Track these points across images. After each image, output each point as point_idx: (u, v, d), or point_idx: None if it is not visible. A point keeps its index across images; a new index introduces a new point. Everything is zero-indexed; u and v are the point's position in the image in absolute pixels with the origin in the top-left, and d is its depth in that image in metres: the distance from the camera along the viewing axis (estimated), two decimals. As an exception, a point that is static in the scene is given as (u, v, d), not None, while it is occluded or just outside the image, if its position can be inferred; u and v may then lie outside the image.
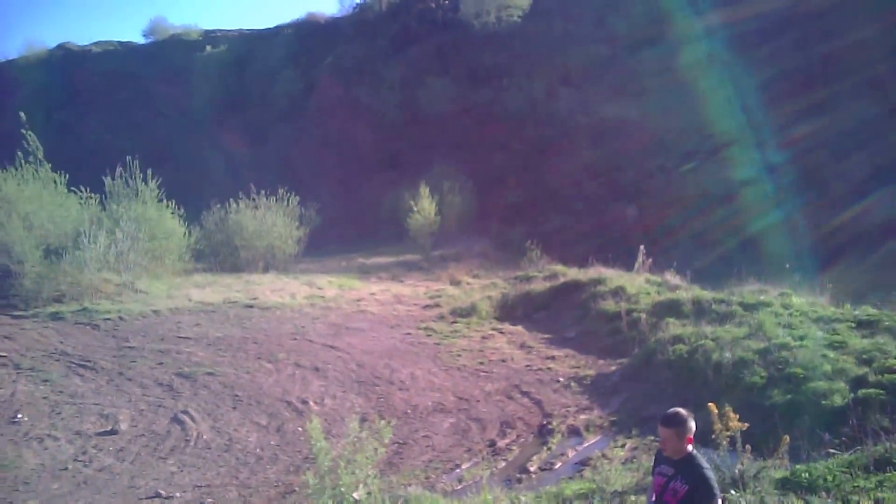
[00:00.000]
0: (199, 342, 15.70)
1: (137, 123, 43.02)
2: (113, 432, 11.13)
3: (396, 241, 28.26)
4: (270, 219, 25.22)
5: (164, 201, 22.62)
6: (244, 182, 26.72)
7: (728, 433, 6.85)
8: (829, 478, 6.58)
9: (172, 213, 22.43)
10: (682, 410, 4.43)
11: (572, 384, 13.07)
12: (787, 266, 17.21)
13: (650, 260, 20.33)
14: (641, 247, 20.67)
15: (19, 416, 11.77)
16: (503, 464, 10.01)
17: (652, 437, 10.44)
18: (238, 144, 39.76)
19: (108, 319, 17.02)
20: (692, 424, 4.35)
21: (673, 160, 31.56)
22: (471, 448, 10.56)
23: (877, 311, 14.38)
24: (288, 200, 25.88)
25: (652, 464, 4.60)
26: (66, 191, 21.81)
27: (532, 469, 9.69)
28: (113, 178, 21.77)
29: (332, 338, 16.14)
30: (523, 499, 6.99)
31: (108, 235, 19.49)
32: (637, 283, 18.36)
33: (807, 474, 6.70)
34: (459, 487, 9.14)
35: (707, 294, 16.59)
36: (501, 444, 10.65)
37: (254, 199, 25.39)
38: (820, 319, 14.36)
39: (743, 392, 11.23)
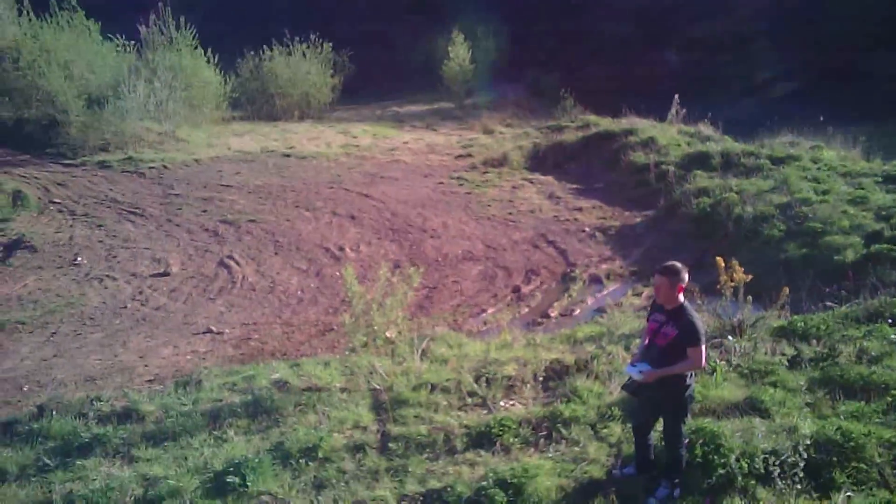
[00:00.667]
0: (241, 190, 16.38)
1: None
2: (165, 274, 12.03)
3: (430, 89, 28.06)
4: (304, 66, 25.18)
5: (199, 49, 22.60)
6: (278, 28, 26.42)
7: (733, 284, 7.34)
8: (823, 327, 7.10)
9: (208, 62, 22.48)
10: (677, 263, 4.90)
11: (597, 234, 13.57)
12: (821, 118, 16.98)
13: (684, 110, 20.17)
14: (676, 96, 20.43)
15: (79, 258, 12.71)
16: (526, 309, 10.72)
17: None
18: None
19: (153, 168, 17.72)
20: (685, 276, 4.82)
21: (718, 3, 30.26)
22: (496, 294, 11.26)
23: (905, 166, 14.47)
24: (321, 47, 25.69)
25: (648, 311, 5.12)
26: (101, 39, 21.89)
27: (553, 314, 10.38)
28: (147, 26, 21.73)
29: (367, 187, 16.68)
30: (538, 339, 7.65)
31: (147, 85, 19.78)
32: (669, 134, 18.39)
33: (802, 324, 7.22)
34: (484, 329, 9.88)
35: (737, 146, 16.66)
36: (525, 290, 11.32)
37: (288, 46, 25.24)
38: (848, 174, 14.50)
39: (760, 245, 11.67)
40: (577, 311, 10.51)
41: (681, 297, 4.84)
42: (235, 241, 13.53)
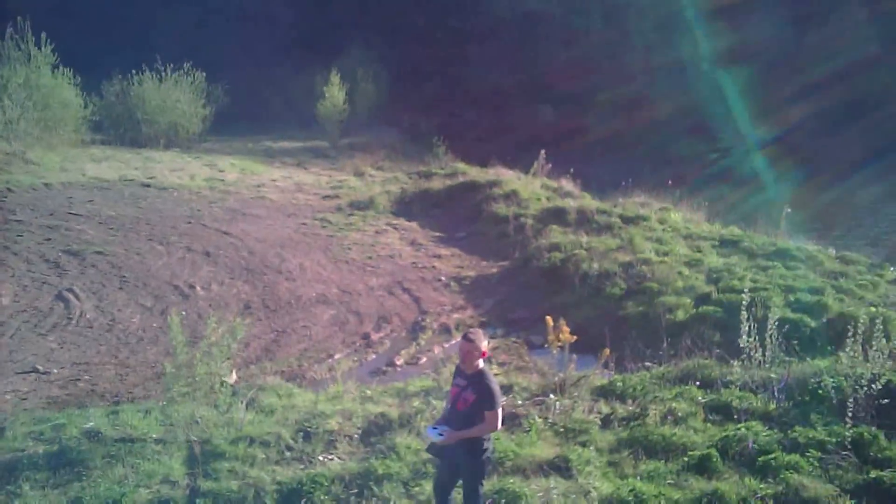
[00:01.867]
0: (91, 220, 15.66)
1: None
2: (-6, 306, 11.29)
3: (306, 126, 27.99)
4: (175, 94, 24.55)
5: (61, 68, 21.61)
6: (151, 51, 25.68)
7: (559, 343, 7.66)
8: (639, 388, 7.52)
9: (69, 82, 21.51)
10: (479, 330, 5.11)
11: (452, 283, 13.83)
12: (669, 182, 18.14)
13: (549, 165, 21.02)
14: (542, 151, 21.27)
15: None
16: (373, 356, 10.75)
17: (513, 339, 11.41)
18: (148, 9, 37.66)
19: (-5, 191, 16.69)
20: (485, 344, 5.02)
21: (596, 63, 31.76)
22: (346, 340, 11.24)
23: (741, 232, 15.62)
24: (195, 76, 25.16)
25: (453, 375, 5.27)
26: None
27: (398, 363, 10.46)
28: (2, 40, 20.60)
29: (227, 223, 16.34)
30: (369, 391, 7.68)
31: (-3, 102, 18.72)
32: (532, 188, 19.07)
33: (621, 383, 7.62)
34: (328, 376, 9.81)
35: (593, 204, 17.52)
36: (375, 337, 11.36)
37: (159, 72, 24.55)
38: (689, 236, 15.51)
39: (603, 301, 12.26)
40: (423, 360, 10.63)
41: (481, 362, 5.02)
42: (78, 273, 12.88)
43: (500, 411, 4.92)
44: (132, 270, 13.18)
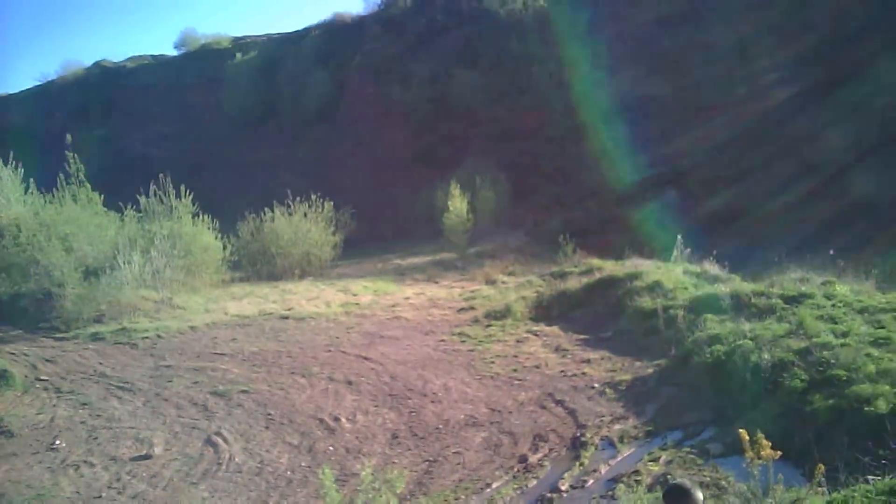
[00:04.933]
0: (235, 358, 15.82)
1: (174, 134, 43.74)
2: (147, 457, 11.24)
3: (432, 239, 28.16)
4: (305, 225, 25.36)
5: (200, 215, 22.85)
6: (280, 187, 26.91)
7: (760, 461, 6.55)
8: (864, 508, 6.25)
9: (208, 227, 22.64)
10: (685, 482, 4.21)
11: (607, 390, 12.79)
12: (831, 252, 16.57)
13: (688, 249, 19.90)
14: (679, 237, 20.24)
15: (58, 441, 11.97)
16: (534, 482, 9.81)
17: (688, 449, 10.19)
18: (272, 149, 40.05)
19: (146, 338, 17.28)
20: (698, 496, 4.10)
21: (713, 137, 30.73)
22: (502, 465, 10.39)
23: (925, 300, 13.84)
24: (323, 205, 25.98)
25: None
26: (104, 210, 22.18)
27: (563, 488, 9.47)
28: (148, 196, 22.07)
29: (365, 348, 16.11)
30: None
31: (143, 254, 19.75)
32: (674, 276, 17.92)
33: None
34: (495, 511, 8.98)
35: (746, 286, 16.11)
36: (533, 459, 10.45)
37: (288, 206, 25.53)
38: (865, 310, 13.82)
39: (783, 397, 10.83)
40: (590, 482, 9.60)
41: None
42: (225, 415, 12.81)
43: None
44: (277, 407, 12.99)
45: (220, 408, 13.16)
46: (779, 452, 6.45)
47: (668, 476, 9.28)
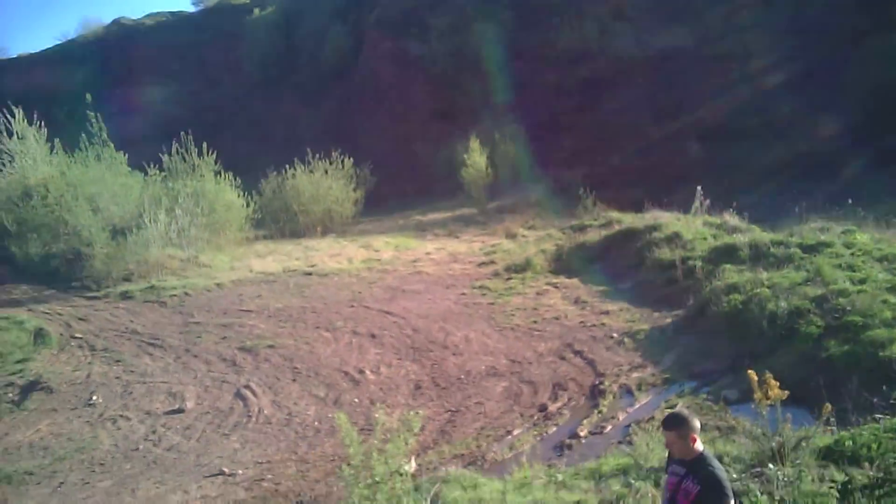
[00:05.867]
0: (261, 314, 16.20)
1: (194, 92, 43.80)
2: (180, 410, 11.69)
3: (453, 195, 28.24)
4: (327, 182, 25.56)
5: (222, 173, 23.09)
6: (300, 144, 27.06)
7: (768, 402, 6.73)
8: (875, 446, 6.43)
9: (230, 185, 22.90)
10: (682, 411, 4.42)
11: (626, 340, 13.00)
12: (850, 201, 16.48)
13: (708, 201, 19.82)
14: (699, 188, 20.14)
15: (94, 397, 12.45)
16: (554, 428, 10.11)
17: (704, 396, 10.38)
18: (292, 106, 40.03)
19: (174, 296, 17.70)
20: (695, 424, 4.30)
21: (734, 89, 30.24)
22: (522, 413, 10.68)
23: (947, 245, 13.82)
24: (343, 162, 26.11)
25: (666, 462, 4.58)
26: (128, 170, 22.49)
27: (582, 434, 9.76)
28: (170, 154, 22.32)
29: (388, 302, 16.40)
30: (560, 476, 7.07)
31: (168, 213, 20.08)
32: (694, 228, 17.95)
33: (850, 442, 6.56)
34: (510, 456, 9.27)
35: (765, 236, 16.12)
36: (553, 407, 10.73)
37: (309, 164, 25.71)
38: (884, 258, 13.84)
39: (799, 343, 10.98)
40: (609, 429, 9.87)
41: (698, 445, 4.30)
42: (253, 369, 13.21)
43: (733, 502, 4.16)
44: (303, 361, 13.36)
45: (247, 362, 13.55)
46: (786, 392, 6.60)
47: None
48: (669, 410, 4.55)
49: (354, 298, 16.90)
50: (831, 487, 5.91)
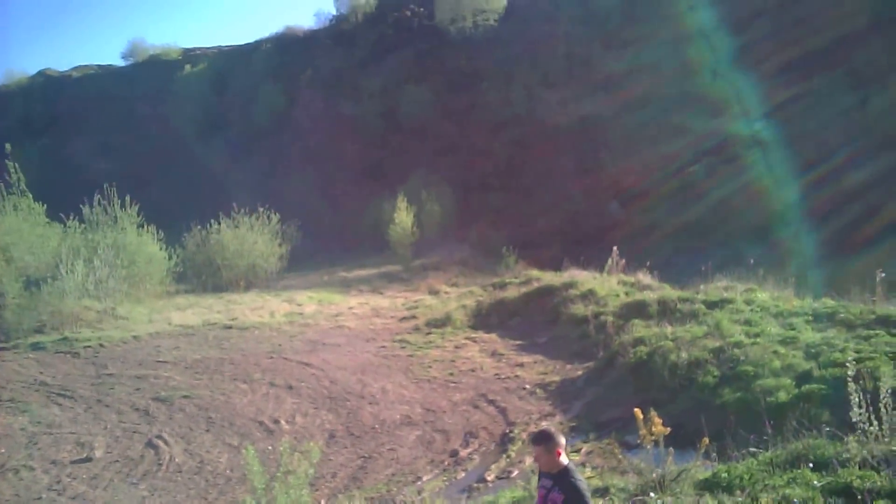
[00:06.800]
0: (177, 366, 16.05)
1: (120, 146, 43.38)
2: (87, 460, 11.47)
3: (379, 252, 28.60)
4: (252, 237, 25.59)
5: (145, 226, 22.97)
6: (228, 200, 27.05)
7: (653, 437, 7.19)
8: (747, 477, 6.92)
9: (153, 238, 22.75)
10: (549, 428, 4.86)
11: (538, 391, 13.42)
12: (752, 261, 17.52)
13: (623, 260, 20.70)
14: (614, 248, 21.05)
15: (-4, 449, 12.09)
16: (463, 474, 10.35)
17: (608, 441, 10.84)
18: (222, 161, 40.05)
19: (88, 347, 17.37)
20: (560, 440, 4.75)
21: (655, 156, 31.69)
22: (433, 459, 10.91)
23: (834, 303, 14.78)
24: (268, 218, 26.24)
25: (538, 478, 4.98)
26: (46, 221, 22.15)
27: (489, 478, 10.03)
28: (91, 206, 22.11)
29: (307, 355, 16.48)
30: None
31: (86, 264, 19.81)
32: (608, 286, 18.72)
33: (726, 474, 7.04)
34: (418, 499, 9.45)
35: (673, 293, 16.96)
36: (463, 454, 11.00)
37: (233, 218, 25.73)
38: (780, 314, 14.74)
39: (696, 391, 11.60)
40: (515, 473, 10.16)
41: (563, 459, 4.74)
42: (166, 419, 13.07)
43: (591, 510, 4.58)
44: (218, 411, 13.30)
45: (161, 412, 13.41)
46: (668, 429, 7.08)
47: (587, 464, 9.93)
48: (537, 430, 4.97)
49: (274, 351, 16.92)
50: (705, 514, 6.34)
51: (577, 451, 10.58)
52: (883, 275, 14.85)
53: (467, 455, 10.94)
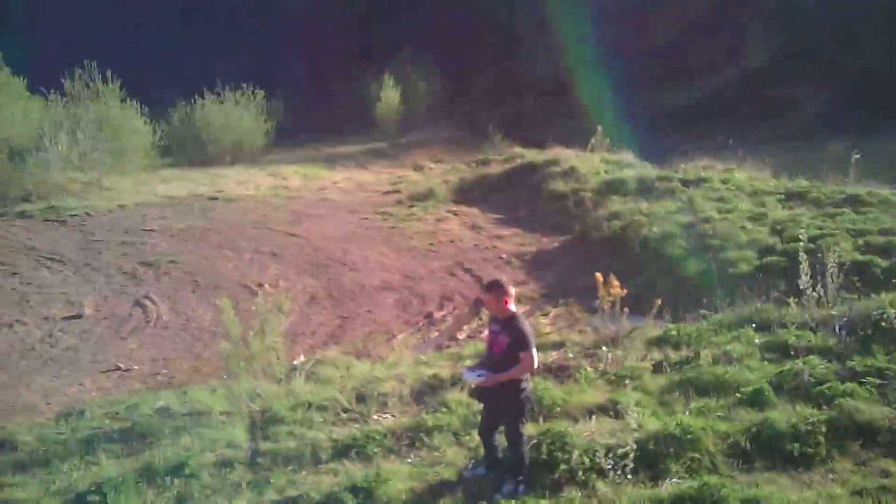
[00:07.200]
0: (163, 234, 16.37)
1: (102, 20, 42.06)
2: (78, 316, 11.94)
3: (365, 130, 28.54)
4: (237, 113, 25.44)
5: (129, 100, 22.78)
6: (214, 80, 26.66)
7: (610, 299, 7.64)
8: (694, 335, 7.42)
9: (137, 113, 22.63)
10: (500, 278, 5.25)
11: (513, 261, 13.89)
12: (730, 141, 17.73)
13: (607, 140, 20.84)
14: (599, 127, 21.14)
15: (-11, 306, 12.54)
16: (436, 333, 10.90)
17: (576, 307, 11.36)
18: (208, 42, 39.03)
19: (75, 215, 17.60)
20: (509, 290, 5.19)
21: (654, 37, 31.08)
22: (409, 320, 11.46)
23: (807, 183, 15.13)
24: (254, 94, 26.03)
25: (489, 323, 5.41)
26: (27, 94, 21.93)
27: (460, 337, 10.57)
28: (72, 80, 21.88)
29: (292, 225, 16.81)
30: (424, 358, 7.85)
31: (70, 137, 19.79)
32: (591, 163, 18.91)
33: (675, 332, 7.54)
34: (392, 352, 10.00)
35: (653, 171, 17.27)
36: (438, 315, 11.54)
37: (219, 94, 25.55)
38: (754, 193, 15.12)
39: (665, 263, 12.10)
40: (485, 333, 10.65)
41: (511, 307, 5.14)
42: (153, 281, 13.51)
43: (534, 352, 5.04)
44: (204, 275, 13.73)
45: (148, 276, 13.83)
46: (625, 290, 7.54)
47: (555, 325, 10.50)
48: (489, 279, 5.40)
49: (259, 221, 17.23)
50: (650, 362, 6.86)
51: (546, 314, 11.13)
52: (858, 156, 15.15)
53: (441, 317, 11.47)
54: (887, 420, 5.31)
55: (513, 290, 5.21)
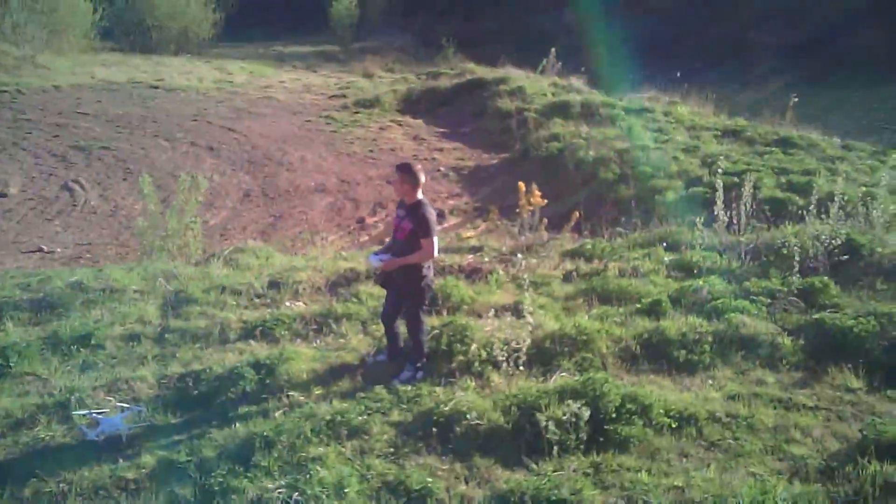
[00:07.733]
0: (98, 118, 15.95)
1: None
2: (2, 195, 11.71)
3: (319, 32, 27.81)
4: (184, -1, 24.51)
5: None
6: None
7: (530, 207, 7.82)
8: (608, 250, 7.69)
9: (76, -14, 21.60)
10: (414, 164, 5.25)
11: (451, 174, 13.97)
12: (678, 75, 17.88)
13: (559, 64, 20.77)
14: (552, 49, 21.01)
15: None
16: (366, 237, 10.99)
17: (505, 221, 11.57)
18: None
19: (6, 92, 17.00)
20: (420, 177, 5.18)
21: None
22: (341, 224, 11.54)
23: (745, 122, 15.46)
24: (204, -20, 25.05)
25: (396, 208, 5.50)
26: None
27: (388, 240, 10.69)
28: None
29: (232, 121, 16.53)
30: (344, 253, 7.98)
31: (3, 5, 18.82)
32: (539, 85, 18.89)
33: (590, 247, 7.79)
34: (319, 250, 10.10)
35: (598, 98, 17.33)
36: (370, 221, 11.64)
37: (167, -22, 24.48)
38: (693, 127, 15.37)
39: (597, 185, 12.33)
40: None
41: (418, 194, 5.19)
42: (84, 166, 13.26)
43: (435, 239, 5.14)
44: (137, 163, 13.51)
45: (79, 160, 13.55)
46: (545, 200, 7.71)
47: (480, 238, 10.70)
48: (403, 161, 5.47)
49: (198, 114, 16.89)
50: (561, 271, 7.11)
51: (474, 227, 11.31)
52: (796, 99, 15.49)
53: (373, 223, 11.57)
54: (770, 335, 5.66)
55: (423, 178, 5.22)
